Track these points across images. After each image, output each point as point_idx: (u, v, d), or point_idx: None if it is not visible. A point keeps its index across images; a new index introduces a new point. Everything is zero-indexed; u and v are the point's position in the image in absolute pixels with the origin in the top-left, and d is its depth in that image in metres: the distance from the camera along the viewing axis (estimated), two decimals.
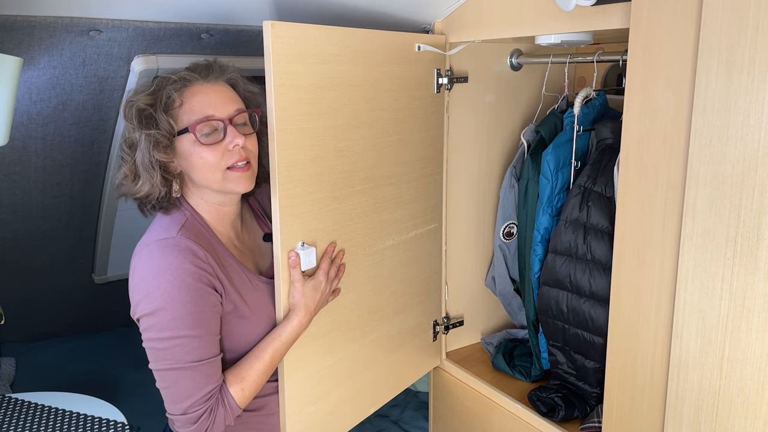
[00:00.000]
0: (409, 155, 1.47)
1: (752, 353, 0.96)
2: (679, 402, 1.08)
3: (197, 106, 1.11)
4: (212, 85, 1.14)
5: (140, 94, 1.12)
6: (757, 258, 0.93)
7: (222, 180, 1.13)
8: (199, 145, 1.10)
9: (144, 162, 1.11)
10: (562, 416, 1.44)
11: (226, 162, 1.12)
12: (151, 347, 1.06)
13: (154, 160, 1.10)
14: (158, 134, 1.09)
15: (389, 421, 2.44)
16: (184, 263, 1.05)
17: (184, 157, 1.13)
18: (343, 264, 1.31)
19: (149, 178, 1.11)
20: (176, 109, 1.11)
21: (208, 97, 1.12)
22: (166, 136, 1.10)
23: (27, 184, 2.08)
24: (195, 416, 1.06)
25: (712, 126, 0.97)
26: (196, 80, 1.13)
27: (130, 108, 1.11)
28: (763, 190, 0.91)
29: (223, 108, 1.13)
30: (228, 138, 1.12)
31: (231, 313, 1.13)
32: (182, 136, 1.11)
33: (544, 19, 1.30)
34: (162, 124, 1.10)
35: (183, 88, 1.12)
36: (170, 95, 1.11)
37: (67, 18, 1.28)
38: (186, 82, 1.12)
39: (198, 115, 1.11)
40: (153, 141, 1.10)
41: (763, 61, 0.89)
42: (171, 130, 1.11)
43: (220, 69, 1.17)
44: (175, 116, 1.11)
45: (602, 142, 1.45)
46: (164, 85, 1.12)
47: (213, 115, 1.11)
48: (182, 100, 1.11)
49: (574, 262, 1.43)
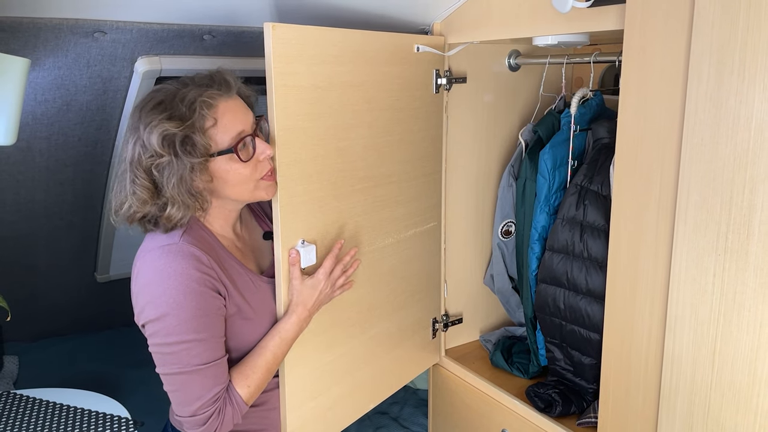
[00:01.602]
0: (408, 154, 1.49)
1: (743, 347, 0.98)
2: (673, 395, 1.10)
3: (231, 124, 1.09)
4: (234, 100, 1.12)
5: (171, 121, 1.05)
6: (747, 254, 0.96)
7: (253, 190, 1.14)
8: (236, 161, 1.10)
9: (181, 188, 1.06)
10: (560, 412, 1.45)
11: (260, 173, 1.13)
12: (157, 352, 1.08)
13: (194, 183, 1.08)
14: (195, 161, 1.06)
15: (389, 417, 2.45)
16: (188, 269, 1.06)
17: (219, 175, 1.11)
18: (358, 259, 1.34)
19: (185, 202, 1.07)
20: (210, 129, 1.08)
21: (236, 114, 1.11)
22: (205, 158, 1.08)
23: (31, 184, 2.10)
24: (204, 417, 1.08)
25: (703, 126, 0.99)
26: (221, 97, 1.10)
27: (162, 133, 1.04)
28: (753, 187, 0.94)
29: (246, 121, 1.12)
30: (259, 149, 1.12)
31: (235, 315, 1.15)
32: (218, 157, 1.09)
33: (542, 20, 1.32)
34: (199, 148, 1.06)
35: (212, 107, 1.08)
36: (204, 116, 1.07)
37: (72, 20, 1.30)
38: (213, 100, 1.09)
39: (232, 133, 1.09)
40: (191, 164, 1.06)
41: (752, 63, 0.91)
42: (208, 151, 1.08)
43: (232, 82, 1.14)
44: (211, 136, 1.08)
45: (599, 142, 1.47)
46: (197, 106, 1.06)
47: (244, 131, 1.11)
48: (215, 119, 1.08)
49: (571, 260, 1.45)
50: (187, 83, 1.11)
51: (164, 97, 1.08)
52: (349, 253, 1.30)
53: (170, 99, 1.07)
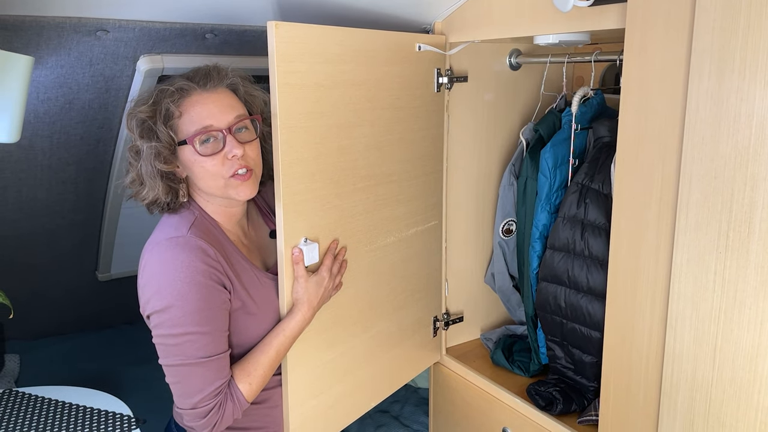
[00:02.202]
0: (409, 153, 1.49)
1: (744, 344, 0.99)
2: (674, 392, 1.11)
3: (196, 116, 1.12)
4: (211, 94, 1.14)
5: (141, 106, 1.13)
6: (748, 251, 0.96)
7: (224, 187, 1.15)
8: (198, 155, 1.12)
9: (147, 171, 1.13)
10: (560, 410, 1.46)
11: (227, 171, 1.13)
12: (161, 343, 1.09)
13: (156, 170, 1.12)
14: (159, 146, 1.11)
15: (390, 416, 2.46)
16: (194, 261, 1.07)
17: (186, 166, 1.15)
18: (345, 260, 1.34)
19: (153, 186, 1.14)
20: (175, 120, 1.12)
21: (207, 107, 1.12)
22: (168, 147, 1.12)
23: (33, 182, 2.11)
24: (204, 411, 1.09)
25: (704, 124, 0.99)
26: (194, 90, 1.13)
27: (131, 120, 1.13)
28: (754, 185, 0.94)
29: (221, 117, 1.13)
30: (227, 148, 1.13)
31: (239, 309, 1.16)
32: (183, 147, 1.13)
33: (543, 19, 1.32)
34: (162, 136, 1.11)
35: (181, 99, 1.12)
36: (168, 107, 1.12)
37: (75, 18, 1.30)
38: (184, 93, 1.12)
39: (197, 125, 1.12)
40: (154, 152, 1.11)
41: (753, 61, 0.92)
42: (171, 142, 1.12)
43: (219, 75, 1.16)
44: (175, 127, 1.12)
45: (600, 140, 1.47)
46: (162, 96, 1.12)
47: (212, 126, 1.12)
48: (181, 111, 1.12)
49: (571, 258, 1.45)
50: (183, 75, 1.16)
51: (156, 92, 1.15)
52: (340, 253, 1.31)
53: (157, 93, 1.14)
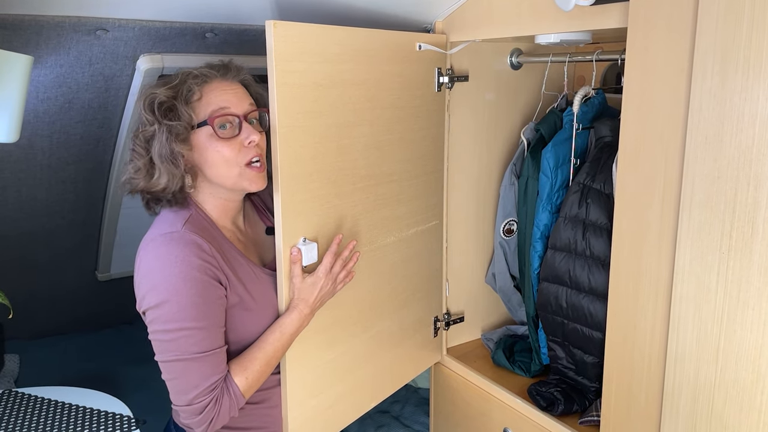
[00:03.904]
0: (410, 153, 1.49)
1: (747, 345, 0.98)
2: (676, 394, 1.10)
3: (215, 100, 1.14)
4: (230, 83, 1.17)
5: (162, 87, 1.13)
6: (751, 252, 0.95)
7: (238, 176, 1.15)
8: (216, 138, 1.13)
9: (162, 153, 1.12)
10: (562, 410, 1.45)
11: (243, 158, 1.15)
12: (157, 339, 1.08)
13: (175, 151, 1.12)
14: (179, 125, 1.11)
15: (390, 416, 2.45)
16: (189, 256, 1.07)
17: (200, 151, 1.14)
18: (357, 251, 1.33)
19: (168, 169, 1.12)
20: (195, 102, 1.14)
21: (225, 93, 1.15)
22: (186, 128, 1.12)
23: (33, 182, 2.10)
24: (200, 406, 1.08)
25: (707, 123, 0.99)
26: (215, 77, 1.16)
27: (151, 99, 1.13)
28: (757, 185, 0.93)
29: (238, 104, 1.16)
30: (243, 134, 1.14)
31: (236, 305, 1.15)
32: (200, 129, 1.13)
33: (544, 18, 1.32)
34: (183, 116, 1.12)
35: (203, 83, 1.15)
36: (191, 88, 1.14)
37: (74, 17, 1.30)
38: (206, 78, 1.16)
39: (214, 107, 1.14)
40: (174, 132, 1.11)
41: (757, 60, 0.91)
42: (190, 122, 1.13)
43: (236, 69, 1.21)
44: (194, 109, 1.14)
45: (601, 140, 1.47)
46: (186, 78, 1.15)
47: (229, 108, 1.14)
48: (201, 93, 1.14)
49: (573, 258, 1.45)
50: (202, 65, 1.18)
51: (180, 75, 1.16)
52: (348, 247, 1.30)
53: (182, 76, 1.15)
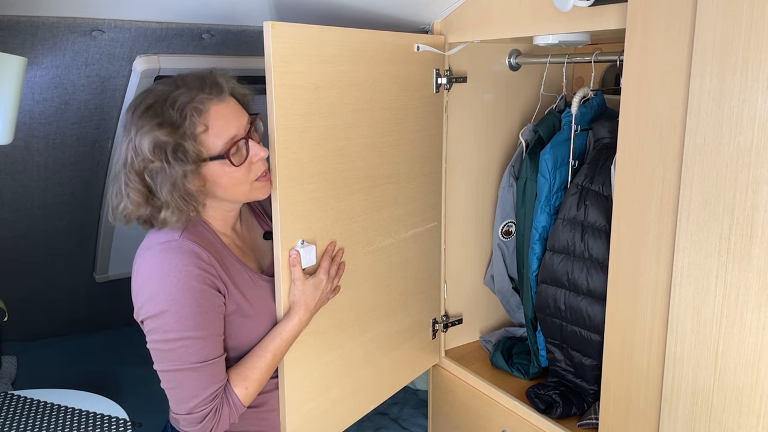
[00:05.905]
0: (408, 154, 1.48)
1: (745, 348, 0.98)
2: (675, 397, 1.10)
3: (222, 129, 1.08)
4: (226, 104, 1.10)
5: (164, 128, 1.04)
6: (750, 255, 0.95)
7: (249, 191, 1.14)
8: (230, 166, 1.09)
9: (175, 195, 1.06)
10: (560, 413, 1.45)
11: (254, 175, 1.13)
12: (155, 348, 1.07)
13: (188, 189, 1.06)
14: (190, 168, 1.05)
15: (388, 418, 2.45)
16: (187, 266, 1.06)
17: (212, 179, 1.10)
18: (343, 262, 1.32)
19: (177, 205, 1.06)
20: (202, 135, 1.07)
21: (227, 118, 1.09)
22: (196, 162, 1.07)
23: (29, 183, 2.09)
24: (200, 416, 1.08)
25: (706, 125, 0.98)
26: (213, 101, 1.08)
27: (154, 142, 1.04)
28: (756, 187, 0.93)
29: (239, 124, 1.11)
30: (252, 152, 1.11)
31: (234, 313, 1.15)
32: (212, 162, 1.08)
33: (542, 19, 1.31)
34: (190, 156, 1.05)
35: (204, 113, 1.07)
36: (194, 122, 1.06)
37: (70, 18, 1.29)
38: (204, 106, 1.07)
39: (224, 138, 1.08)
40: (188, 172, 1.05)
41: (755, 62, 0.91)
42: (200, 156, 1.07)
43: (225, 82, 1.12)
44: (203, 142, 1.07)
45: (600, 142, 1.46)
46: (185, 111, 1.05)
47: (237, 135, 1.09)
48: (207, 125, 1.07)
49: (571, 260, 1.44)
50: (179, 85, 1.08)
51: (155, 101, 1.06)
52: (338, 255, 1.29)
53: (161, 103, 1.05)
